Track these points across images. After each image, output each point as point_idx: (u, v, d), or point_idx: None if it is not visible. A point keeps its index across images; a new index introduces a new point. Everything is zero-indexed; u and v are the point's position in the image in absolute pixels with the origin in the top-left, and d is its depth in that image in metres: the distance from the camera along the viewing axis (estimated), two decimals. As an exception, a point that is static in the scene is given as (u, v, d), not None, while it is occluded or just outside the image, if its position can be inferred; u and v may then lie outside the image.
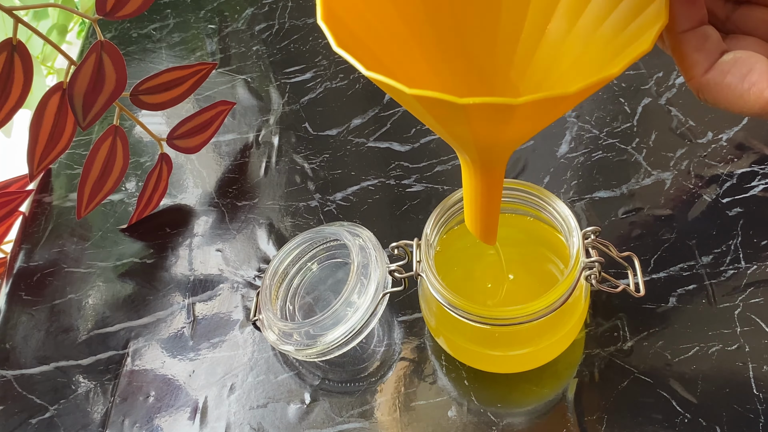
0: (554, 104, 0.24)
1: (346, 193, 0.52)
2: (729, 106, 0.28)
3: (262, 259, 0.50)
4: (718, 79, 0.27)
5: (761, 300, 0.42)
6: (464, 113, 0.24)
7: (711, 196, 0.47)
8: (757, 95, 0.26)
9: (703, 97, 0.28)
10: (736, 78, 0.27)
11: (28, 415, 0.45)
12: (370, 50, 0.28)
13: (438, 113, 0.25)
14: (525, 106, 0.23)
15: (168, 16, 0.67)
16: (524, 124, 0.26)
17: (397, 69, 0.30)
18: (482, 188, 0.32)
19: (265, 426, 0.43)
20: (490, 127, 0.25)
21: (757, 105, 0.27)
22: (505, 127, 0.25)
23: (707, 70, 0.28)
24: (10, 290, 0.51)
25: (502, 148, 0.29)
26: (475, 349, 0.39)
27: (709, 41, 0.28)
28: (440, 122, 0.26)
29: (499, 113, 0.24)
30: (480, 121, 0.25)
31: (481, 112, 0.23)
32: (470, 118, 0.24)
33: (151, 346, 0.47)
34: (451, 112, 0.24)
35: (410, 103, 0.26)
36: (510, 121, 0.24)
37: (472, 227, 0.36)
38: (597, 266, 0.37)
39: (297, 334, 0.41)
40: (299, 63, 0.61)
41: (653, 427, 0.39)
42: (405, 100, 0.26)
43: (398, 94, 0.24)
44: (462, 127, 0.26)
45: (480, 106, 0.23)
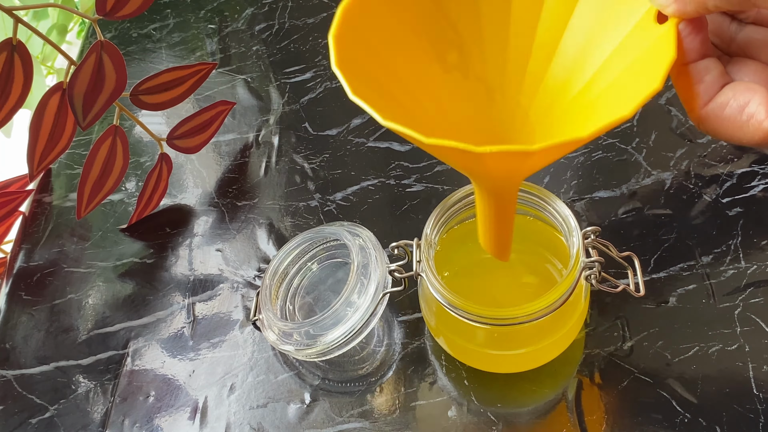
0: (568, 147, 0.24)
1: (346, 193, 0.52)
2: (730, 138, 0.28)
3: (262, 259, 0.50)
4: (718, 111, 0.28)
5: (761, 300, 0.42)
6: (480, 159, 0.24)
7: (711, 196, 0.47)
8: (756, 126, 0.27)
9: (704, 128, 0.29)
10: (735, 110, 0.27)
11: (28, 415, 0.45)
12: (383, 87, 0.29)
13: (455, 158, 0.26)
14: (540, 152, 0.23)
15: (168, 16, 0.67)
16: (538, 162, 0.27)
17: (411, 101, 0.30)
18: (495, 211, 0.33)
19: (265, 426, 0.43)
20: (504, 167, 0.27)
21: (756, 136, 0.27)
22: (519, 167, 0.26)
23: (707, 103, 0.28)
24: (10, 290, 0.51)
25: (515, 180, 0.30)
26: (475, 349, 0.39)
27: (710, 74, 0.28)
28: (456, 165, 0.28)
29: (516, 158, 0.25)
30: (495, 164, 0.26)
31: (498, 158, 0.24)
32: (486, 162, 0.25)
33: (151, 346, 0.47)
34: (467, 158, 0.25)
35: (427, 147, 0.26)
36: (524, 163, 0.25)
37: (486, 245, 0.36)
38: (597, 266, 0.37)
39: (297, 334, 0.41)
40: (299, 63, 0.61)
41: (653, 427, 0.39)
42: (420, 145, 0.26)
43: (415, 141, 0.24)
44: (477, 168, 0.27)
45: (497, 154, 0.23)
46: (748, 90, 0.27)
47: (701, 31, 0.28)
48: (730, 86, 0.28)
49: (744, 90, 0.27)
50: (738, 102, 0.27)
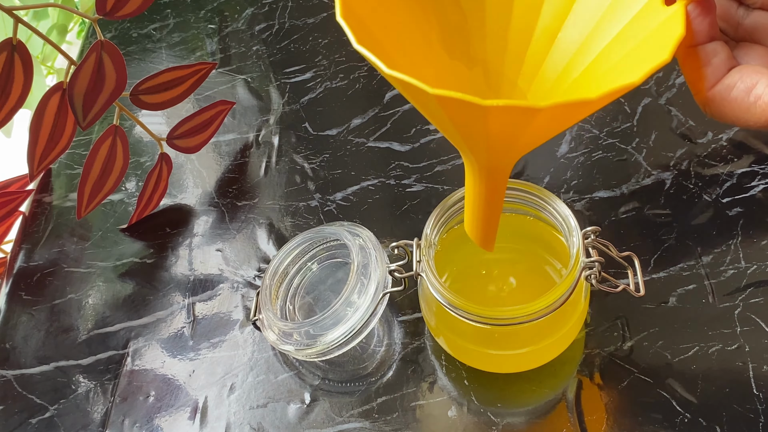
0: (576, 109, 0.24)
1: (346, 193, 0.52)
2: (736, 120, 0.28)
3: (262, 259, 0.50)
4: (725, 93, 0.28)
5: (761, 300, 0.42)
6: (484, 115, 0.24)
7: (711, 196, 0.47)
8: (763, 108, 0.27)
9: (709, 111, 0.29)
10: (742, 92, 0.27)
11: (28, 415, 0.45)
12: (386, 52, 0.28)
13: (457, 115, 0.25)
14: (547, 110, 0.23)
15: (168, 16, 0.67)
16: (541, 129, 0.26)
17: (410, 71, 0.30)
18: (485, 193, 0.32)
19: (265, 426, 0.43)
20: (508, 130, 0.25)
21: (763, 117, 0.27)
22: (523, 130, 0.25)
23: (714, 85, 0.28)
24: (10, 290, 0.51)
25: (513, 152, 0.29)
26: (475, 349, 0.39)
27: (717, 57, 0.28)
28: (456, 124, 0.26)
29: (521, 116, 0.24)
30: (498, 124, 0.25)
31: (503, 114, 0.23)
32: (489, 120, 0.24)
33: (151, 346, 0.47)
34: (470, 114, 0.24)
35: (426, 104, 0.26)
36: (530, 125, 0.25)
37: (472, 232, 0.36)
38: (597, 266, 0.37)
39: (297, 334, 0.41)
40: (299, 63, 0.61)
41: (653, 427, 0.39)
42: (421, 101, 0.26)
43: (417, 94, 0.24)
44: (478, 129, 0.26)
45: (503, 109, 0.23)
46: (756, 72, 0.27)
47: (710, 13, 0.28)
48: (738, 69, 0.28)
49: (751, 72, 0.27)
50: (745, 84, 0.27)
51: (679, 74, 0.54)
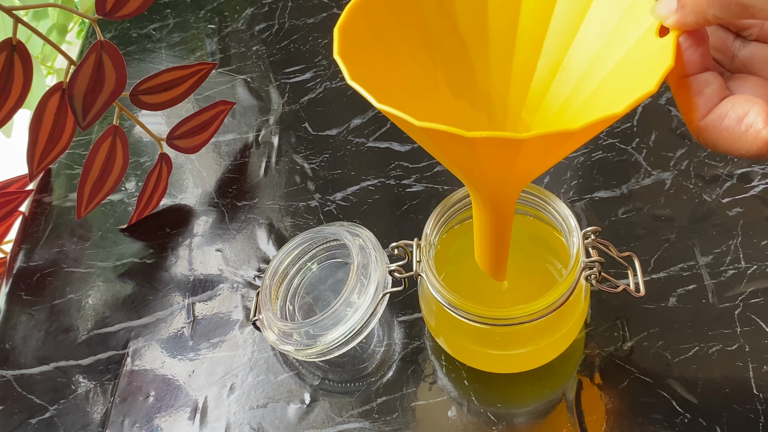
0: (560, 140, 0.24)
1: (346, 193, 0.52)
2: (728, 149, 0.28)
3: (262, 259, 0.50)
4: (716, 122, 0.28)
5: (761, 300, 0.42)
6: (471, 147, 0.24)
7: (711, 196, 0.47)
8: (754, 136, 0.27)
9: (702, 140, 0.29)
10: (733, 121, 0.27)
11: (28, 415, 0.45)
12: (384, 87, 0.29)
13: (446, 147, 0.26)
14: (531, 141, 0.23)
15: (168, 16, 0.67)
16: (531, 160, 0.26)
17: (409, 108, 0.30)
18: (492, 225, 0.33)
19: (265, 426, 0.43)
20: (497, 161, 0.26)
21: (755, 146, 0.27)
22: (512, 161, 0.26)
23: (706, 115, 0.28)
24: (10, 290, 0.51)
25: (510, 184, 0.30)
26: (475, 349, 0.39)
27: (709, 87, 0.28)
28: (449, 156, 0.27)
29: (506, 148, 0.24)
30: (487, 156, 0.25)
31: (489, 146, 0.24)
32: (477, 151, 0.25)
33: (151, 346, 0.47)
34: (458, 146, 0.25)
35: (420, 137, 0.26)
36: (517, 156, 0.25)
37: (482, 263, 0.36)
38: (597, 266, 0.37)
39: (297, 334, 0.41)
40: (299, 63, 0.61)
41: (653, 427, 0.39)
42: (415, 133, 0.26)
43: (408, 126, 0.24)
44: (470, 161, 0.26)
45: (487, 140, 0.23)
46: (747, 101, 0.27)
47: (702, 44, 0.28)
48: (729, 98, 0.28)
49: (743, 102, 0.28)
50: (737, 113, 0.27)
51: (679, 74, 0.54)
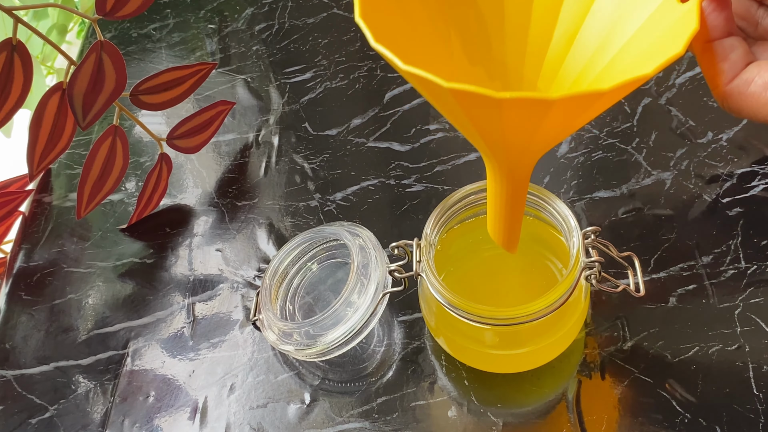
0: (589, 102, 0.24)
1: (346, 193, 0.52)
2: (754, 115, 0.28)
3: (262, 259, 0.50)
4: (742, 88, 0.28)
5: (761, 300, 0.42)
6: (499, 108, 0.23)
7: (711, 196, 0.47)
8: None
9: (727, 105, 0.29)
10: (760, 87, 0.27)
11: (28, 415, 0.45)
12: (404, 53, 0.28)
13: (472, 109, 0.25)
14: (561, 102, 0.23)
15: (168, 16, 0.67)
16: (557, 124, 0.26)
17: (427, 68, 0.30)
18: (507, 195, 0.32)
19: (265, 426, 0.43)
20: (523, 124, 0.25)
21: None
22: (538, 124, 0.25)
23: (732, 80, 0.28)
24: (10, 290, 0.51)
25: (531, 151, 0.29)
26: (475, 349, 0.39)
27: (734, 52, 0.28)
28: (473, 120, 0.26)
29: (535, 109, 0.24)
30: (514, 118, 0.25)
31: (517, 107, 0.23)
32: (504, 113, 0.24)
33: (151, 346, 0.47)
34: (485, 108, 0.24)
35: (444, 101, 0.26)
36: (544, 118, 0.24)
37: (495, 235, 0.36)
38: (597, 266, 0.37)
39: (297, 334, 0.41)
40: (299, 63, 0.61)
41: (653, 427, 0.39)
42: (437, 97, 0.26)
43: (433, 89, 0.24)
44: (494, 124, 0.26)
45: (516, 101, 0.23)
46: None
47: (725, 8, 0.28)
48: (756, 64, 0.28)
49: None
50: (763, 78, 0.27)
51: (679, 74, 0.54)
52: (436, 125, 0.54)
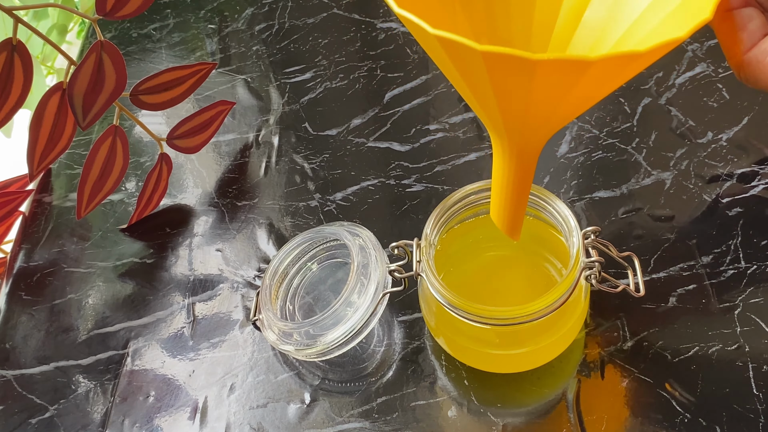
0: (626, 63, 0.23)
1: (346, 193, 0.52)
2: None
3: (262, 259, 0.50)
4: (760, 57, 0.28)
5: (761, 300, 0.42)
6: (532, 71, 0.23)
7: (711, 196, 0.47)
8: None
9: (743, 75, 0.29)
10: None
11: (28, 415, 0.45)
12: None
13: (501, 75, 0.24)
14: (599, 63, 0.22)
15: (168, 16, 0.67)
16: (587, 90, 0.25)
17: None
18: (514, 178, 0.32)
19: (265, 426, 0.43)
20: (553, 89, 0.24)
21: None
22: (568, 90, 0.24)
23: (749, 50, 0.28)
24: (10, 290, 0.51)
25: (550, 123, 0.29)
26: (475, 349, 0.39)
27: (753, 22, 0.28)
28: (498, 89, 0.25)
29: (572, 71, 0.23)
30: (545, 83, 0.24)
31: (553, 69, 0.22)
32: (536, 78, 0.23)
33: (151, 346, 0.47)
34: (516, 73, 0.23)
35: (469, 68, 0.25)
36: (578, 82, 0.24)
37: (498, 220, 0.35)
38: (597, 266, 0.37)
39: (297, 334, 0.41)
40: (299, 63, 0.61)
41: (653, 427, 0.39)
42: (463, 64, 0.25)
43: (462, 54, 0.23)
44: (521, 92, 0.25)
45: (553, 63, 0.22)
46: None
47: None
48: None
49: None
50: None
51: (680, 74, 0.54)
52: (436, 125, 0.54)
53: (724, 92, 0.52)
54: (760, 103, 0.51)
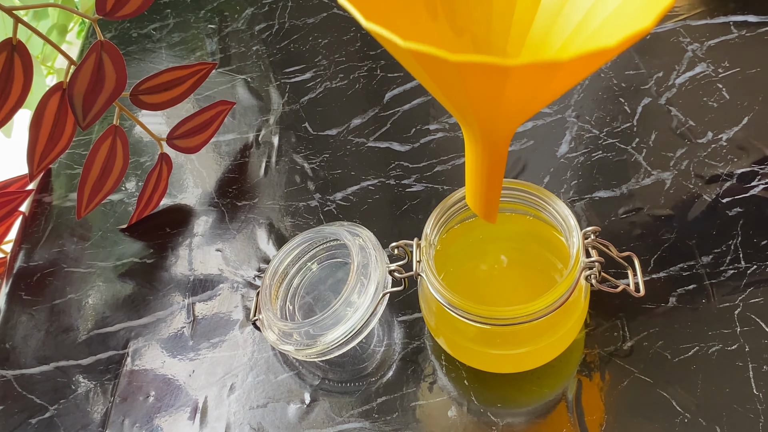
0: (549, 71, 0.23)
1: (346, 193, 0.52)
2: None
3: (262, 259, 0.50)
4: None
5: (761, 300, 0.42)
6: (458, 72, 0.23)
7: (711, 196, 0.47)
8: None
9: None
10: None
11: (28, 415, 0.45)
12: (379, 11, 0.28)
13: (473, 80, 0.24)
14: (518, 69, 0.22)
15: (168, 16, 0.67)
16: (521, 92, 0.25)
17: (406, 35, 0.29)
18: (487, 164, 0.32)
19: (265, 426, 0.43)
20: (486, 90, 0.25)
21: None
22: (501, 91, 0.25)
23: None
24: (10, 290, 0.51)
25: (503, 119, 0.29)
26: (475, 349, 0.39)
27: None
28: (469, 91, 0.26)
29: (544, 73, 0.23)
30: (475, 83, 0.24)
31: (525, 73, 0.23)
32: (465, 78, 0.24)
33: (151, 346, 0.47)
34: (488, 77, 0.23)
35: (408, 61, 0.25)
36: (505, 84, 0.24)
37: (474, 204, 0.35)
38: (597, 266, 0.37)
39: (297, 334, 0.41)
40: (299, 63, 0.61)
41: (653, 427, 0.39)
42: (403, 57, 0.25)
43: (393, 47, 0.23)
44: (459, 89, 0.25)
45: (473, 65, 0.22)
46: None
47: None
48: None
49: None
50: None
51: (680, 74, 0.54)
52: (436, 125, 0.54)
53: (724, 92, 0.52)
54: (760, 103, 0.51)
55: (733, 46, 0.54)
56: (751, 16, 0.56)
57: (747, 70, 0.53)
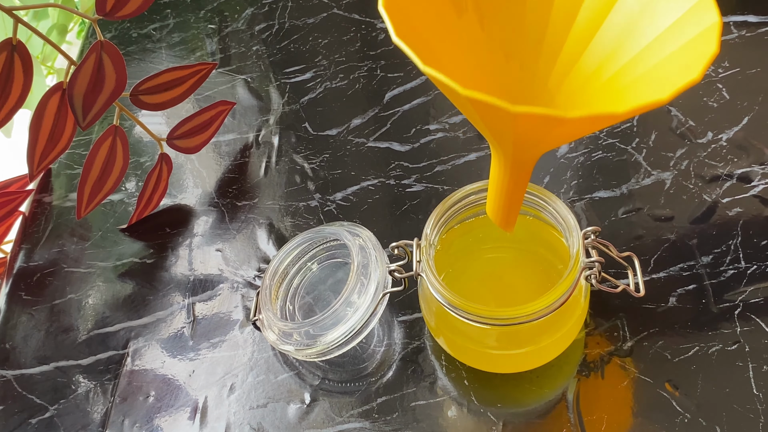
0: (601, 121, 0.24)
1: (346, 193, 0.52)
2: None
3: (262, 259, 0.50)
4: None
5: (761, 300, 0.42)
6: (513, 119, 0.24)
7: (711, 196, 0.47)
8: None
9: None
10: None
11: (28, 415, 0.45)
12: (426, 45, 0.28)
13: (487, 114, 0.26)
14: (574, 121, 0.23)
15: (168, 16, 0.67)
16: (567, 133, 0.27)
17: (447, 66, 0.30)
18: (510, 181, 0.33)
19: (265, 426, 0.43)
20: (534, 132, 0.26)
21: None
22: (548, 134, 0.26)
23: None
24: (10, 290, 0.51)
25: (539, 149, 0.30)
26: (475, 349, 0.39)
27: None
28: (486, 122, 0.27)
29: (548, 123, 0.24)
30: (525, 127, 0.25)
31: (531, 119, 0.24)
32: (517, 123, 0.25)
33: (151, 346, 0.47)
34: (499, 116, 0.25)
35: (459, 101, 0.26)
36: (556, 129, 0.25)
37: (493, 215, 0.36)
38: (597, 266, 0.37)
39: (297, 334, 0.41)
40: (299, 63, 0.61)
41: (653, 427, 0.39)
42: (453, 97, 0.26)
43: (451, 92, 0.24)
44: (506, 129, 0.26)
45: (531, 116, 0.23)
46: None
47: None
48: None
49: None
50: None
51: (679, 74, 0.54)
52: (436, 125, 0.54)
53: (724, 92, 0.52)
54: (760, 103, 0.51)
55: (733, 46, 0.54)
56: (751, 16, 0.56)
57: (747, 70, 0.53)
